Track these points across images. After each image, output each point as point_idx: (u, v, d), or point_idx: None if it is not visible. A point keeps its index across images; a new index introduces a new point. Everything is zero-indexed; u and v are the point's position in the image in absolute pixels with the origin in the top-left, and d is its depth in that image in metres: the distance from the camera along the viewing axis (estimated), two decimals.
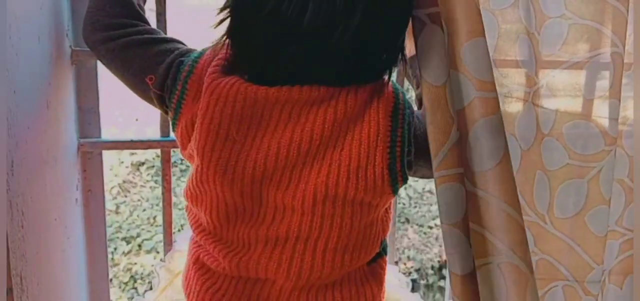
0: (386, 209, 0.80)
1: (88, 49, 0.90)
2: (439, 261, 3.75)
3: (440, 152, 0.67)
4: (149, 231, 3.73)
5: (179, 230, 3.88)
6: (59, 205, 0.84)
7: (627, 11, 0.91)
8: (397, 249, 3.81)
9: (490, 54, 0.90)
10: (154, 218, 3.82)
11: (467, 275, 0.70)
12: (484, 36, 0.68)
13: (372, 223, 0.75)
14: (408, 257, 3.75)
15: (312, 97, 0.67)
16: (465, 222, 0.70)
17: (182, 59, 0.72)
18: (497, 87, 0.89)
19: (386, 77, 0.72)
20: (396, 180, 0.71)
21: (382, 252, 0.83)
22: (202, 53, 0.72)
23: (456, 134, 0.68)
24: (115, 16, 0.74)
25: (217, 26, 0.71)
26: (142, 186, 4.05)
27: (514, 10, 0.90)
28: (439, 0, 0.68)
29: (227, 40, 0.69)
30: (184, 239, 1.05)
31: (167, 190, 1.02)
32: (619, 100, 0.93)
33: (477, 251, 0.70)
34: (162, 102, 0.73)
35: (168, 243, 1.05)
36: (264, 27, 0.65)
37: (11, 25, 0.65)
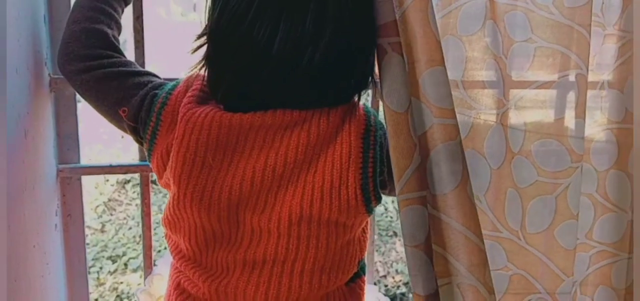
0: (363, 229, 0.82)
1: None
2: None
3: (403, 176, 0.71)
4: (134, 249, 3.72)
5: (159, 252, 3.89)
6: (38, 232, 0.87)
7: (590, 34, 0.96)
8: (386, 263, 3.84)
9: (459, 78, 0.95)
10: (140, 236, 3.83)
11: (430, 295, 0.73)
12: (443, 65, 0.72)
13: (348, 243, 0.78)
14: (396, 271, 3.78)
15: (285, 121, 0.70)
16: (428, 243, 0.73)
17: (156, 91, 0.75)
18: (466, 110, 0.95)
19: (356, 100, 0.75)
20: (369, 200, 0.73)
21: (361, 272, 0.85)
22: (175, 85, 0.75)
23: (418, 158, 0.71)
24: (90, 47, 0.76)
25: (194, 52, 0.74)
26: (128, 204, 4.04)
27: (480, 36, 0.94)
28: (400, 30, 0.72)
29: (204, 67, 0.73)
30: (164, 263, 1.07)
31: (146, 214, 1.05)
32: (584, 119, 0.98)
33: (438, 272, 0.74)
34: (135, 133, 0.76)
35: (148, 266, 1.07)
36: (238, 52, 0.69)
37: None
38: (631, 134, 0.91)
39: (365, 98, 0.85)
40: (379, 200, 0.75)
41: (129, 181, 4.17)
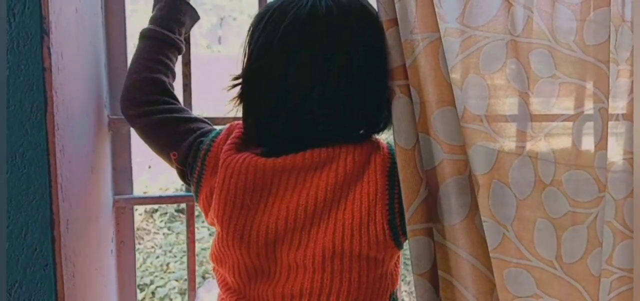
0: (395, 263, 0.90)
1: (122, 116, 1.11)
2: None
3: (410, 208, 0.80)
4: (162, 278, 3.88)
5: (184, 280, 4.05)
6: (98, 257, 1.03)
7: (609, 70, 1.07)
8: (411, 292, 3.89)
9: (483, 113, 1.07)
10: (167, 265, 4.00)
11: None
12: (454, 105, 0.83)
13: (381, 277, 0.85)
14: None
15: (314, 162, 0.80)
16: (433, 271, 0.82)
17: (202, 138, 0.87)
18: (487, 142, 1.06)
19: (378, 137, 0.85)
20: (397, 234, 0.81)
21: None
22: (219, 132, 0.88)
23: (425, 192, 0.81)
24: (149, 94, 0.91)
25: (230, 89, 0.87)
26: (155, 233, 4.23)
27: (502, 73, 1.06)
28: (409, 73, 0.82)
29: (239, 104, 0.85)
30: (205, 290, 1.22)
31: (191, 242, 1.20)
32: (606, 150, 1.08)
33: (445, 298, 0.83)
34: (184, 176, 0.88)
35: (191, 290, 1.22)
36: (262, 88, 0.81)
37: (65, 106, 0.84)
38: None
39: (389, 135, 0.94)
40: (406, 234, 0.82)
41: (156, 210, 4.37)
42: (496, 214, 1.07)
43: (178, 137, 0.88)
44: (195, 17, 1.03)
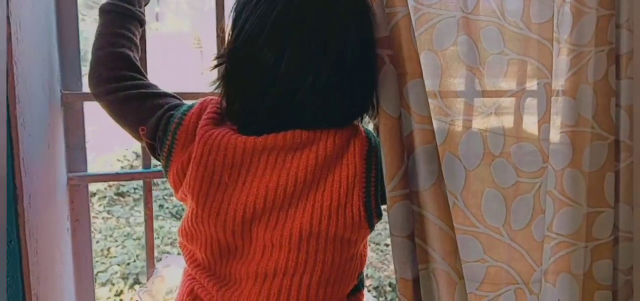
0: (364, 245, 0.94)
1: (75, 91, 1.12)
2: (390, 284, 4.03)
3: (396, 176, 0.86)
4: (103, 263, 3.84)
5: (135, 261, 4.02)
6: (57, 234, 1.04)
7: (552, 46, 1.17)
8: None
9: (436, 88, 1.15)
10: (108, 249, 3.95)
11: (415, 279, 0.90)
12: (422, 77, 0.90)
13: (352, 257, 0.89)
14: (366, 275, 4.01)
15: (294, 142, 0.82)
16: (412, 234, 0.90)
17: (172, 112, 0.87)
18: (440, 116, 1.15)
19: (358, 122, 0.89)
20: (372, 216, 0.85)
21: (360, 286, 0.97)
22: (190, 107, 0.89)
23: (407, 160, 0.88)
24: (115, 69, 0.91)
25: (212, 70, 0.89)
26: (94, 217, 4.16)
27: (453, 49, 1.15)
28: (392, 44, 0.88)
29: (220, 86, 0.86)
30: (163, 265, 1.25)
31: (149, 217, 1.22)
32: (549, 123, 1.18)
33: (419, 259, 0.91)
34: (153, 150, 0.89)
35: (150, 266, 1.25)
36: (249, 72, 0.82)
37: (23, 78, 0.85)
38: (585, 136, 1.12)
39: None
40: (380, 216, 0.88)
41: (94, 194, 4.28)
42: (448, 184, 1.15)
43: (146, 112, 0.89)
44: None
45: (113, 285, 3.70)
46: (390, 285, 4.01)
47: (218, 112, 0.87)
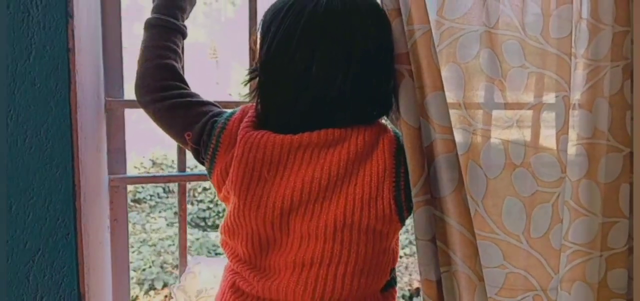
0: (395, 241, 1.01)
1: (118, 98, 1.22)
2: (409, 290, 4.09)
3: (418, 182, 0.94)
4: None
5: (150, 267, 4.13)
6: (101, 231, 1.15)
7: (570, 60, 1.25)
8: None
9: (461, 99, 1.24)
10: None
11: (438, 280, 0.99)
12: (443, 90, 0.98)
13: (384, 250, 0.96)
14: None
15: (327, 140, 0.90)
16: (435, 237, 0.97)
17: (216, 118, 0.96)
18: (464, 126, 1.23)
19: (383, 120, 0.98)
20: (402, 210, 0.93)
21: (393, 282, 1.05)
22: (232, 113, 0.98)
23: (427, 167, 0.96)
24: (162, 79, 1.00)
25: (246, 84, 0.99)
26: None
27: (475, 62, 1.23)
28: (411, 60, 0.97)
29: (256, 95, 0.95)
30: (195, 262, 1.35)
31: (182, 219, 1.32)
32: (567, 135, 1.26)
33: (441, 261, 0.99)
34: (198, 154, 0.99)
35: (183, 264, 1.35)
36: (282, 80, 0.91)
37: (82, 86, 0.94)
38: (600, 148, 1.19)
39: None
40: (410, 210, 0.95)
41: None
42: (470, 191, 1.24)
43: (192, 118, 0.98)
44: (193, 2, 1.13)
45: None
46: (403, 296, 4.07)
47: (258, 116, 0.96)
